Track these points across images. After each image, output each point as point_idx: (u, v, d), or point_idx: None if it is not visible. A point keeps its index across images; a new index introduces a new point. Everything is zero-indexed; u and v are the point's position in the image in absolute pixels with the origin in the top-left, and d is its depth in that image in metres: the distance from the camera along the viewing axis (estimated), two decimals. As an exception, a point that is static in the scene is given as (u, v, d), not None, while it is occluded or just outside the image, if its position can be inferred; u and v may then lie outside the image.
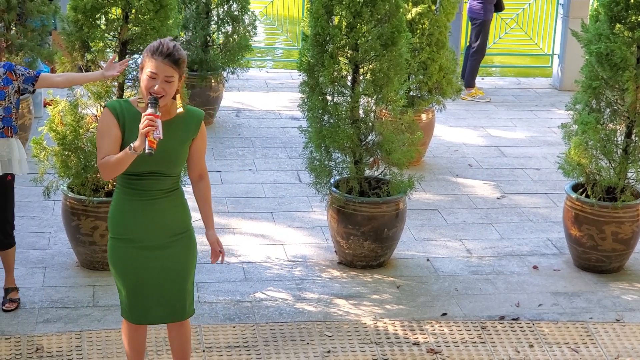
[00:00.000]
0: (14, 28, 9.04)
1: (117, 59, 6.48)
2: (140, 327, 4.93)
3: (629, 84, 6.80)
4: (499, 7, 12.41)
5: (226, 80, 10.71)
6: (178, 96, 4.59)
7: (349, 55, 6.88)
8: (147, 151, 4.36)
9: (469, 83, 12.20)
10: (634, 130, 6.99)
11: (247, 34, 10.44)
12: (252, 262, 7.10)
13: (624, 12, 6.83)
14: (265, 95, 11.93)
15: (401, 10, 6.86)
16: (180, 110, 4.58)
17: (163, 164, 4.59)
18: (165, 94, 4.49)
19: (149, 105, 4.43)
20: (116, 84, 6.64)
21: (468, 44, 12.50)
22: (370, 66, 6.90)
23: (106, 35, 6.67)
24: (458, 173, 9.34)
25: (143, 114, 4.41)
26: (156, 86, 4.46)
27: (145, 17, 6.57)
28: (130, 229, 4.68)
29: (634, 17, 6.84)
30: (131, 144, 4.41)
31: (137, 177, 4.61)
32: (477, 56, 12.25)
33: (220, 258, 4.88)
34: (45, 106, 10.39)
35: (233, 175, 8.95)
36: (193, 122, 4.68)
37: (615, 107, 7.05)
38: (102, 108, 6.64)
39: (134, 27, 6.64)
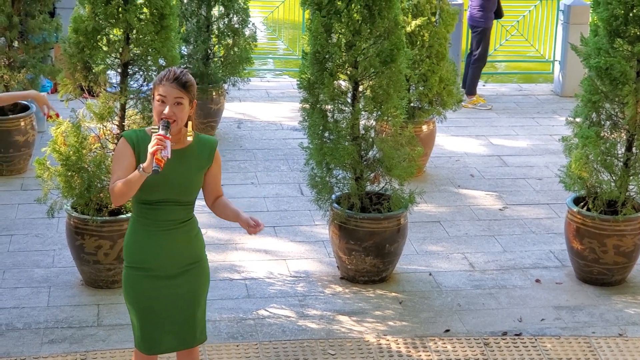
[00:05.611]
0: (16, 45, 9.10)
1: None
2: (151, 358, 4.94)
3: (629, 98, 6.82)
4: (498, 14, 12.43)
5: (227, 93, 10.75)
6: (190, 123, 4.60)
7: (348, 72, 6.91)
8: (153, 168, 4.39)
9: (470, 91, 12.22)
10: (635, 144, 7.01)
11: (247, 46, 10.48)
12: (254, 279, 7.13)
13: (623, 26, 6.85)
14: (266, 105, 11.96)
15: (400, 26, 6.88)
16: (190, 139, 4.60)
17: (176, 192, 4.62)
18: (177, 118, 4.51)
19: (160, 128, 4.47)
20: (118, 104, 6.67)
21: (469, 51, 12.53)
22: (370, 83, 6.93)
23: (108, 56, 6.70)
24: (460, 184, 9.36)
25: (153, 135, 4.46)
26: (166, 109, 4.50)
27: (146, 38, 6.61)
28: (144, 257, 4.69)
29: (633, 31, 6.87)
30: (140, 165, 4.45)
31: (152, 206, 4.63)
32: (479, 64, 12.27)
33: (257, 228, 4.65)
34: (48, 119, 10.41)
35: (235, 189, 8.98)
36: (206, 150, 4.69)
37: (615, 120, 7.07)
38: (104, 128, 6.69)
39: (135, 48, 6.67)
